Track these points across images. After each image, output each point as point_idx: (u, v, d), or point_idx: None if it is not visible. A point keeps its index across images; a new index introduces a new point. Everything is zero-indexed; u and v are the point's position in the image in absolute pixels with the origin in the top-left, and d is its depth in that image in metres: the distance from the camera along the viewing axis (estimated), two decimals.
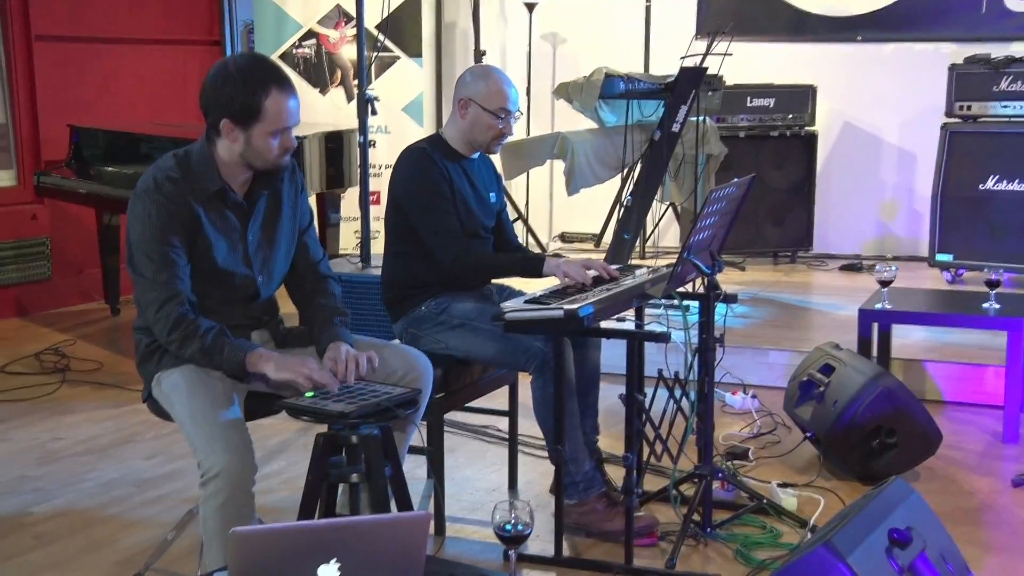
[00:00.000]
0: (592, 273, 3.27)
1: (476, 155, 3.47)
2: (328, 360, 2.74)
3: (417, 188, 3.31)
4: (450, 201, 3.32)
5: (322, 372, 2.65)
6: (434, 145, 3.40)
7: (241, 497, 2.53)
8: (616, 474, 3.52)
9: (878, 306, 4.18)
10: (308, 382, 2.63)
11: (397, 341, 3.37)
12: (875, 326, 4.28)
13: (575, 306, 2.92)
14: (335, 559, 1.85)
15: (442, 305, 3.40)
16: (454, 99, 3.44)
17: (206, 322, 2.68)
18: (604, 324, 3.12)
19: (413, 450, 3.25)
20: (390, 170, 3.49)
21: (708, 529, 3.29)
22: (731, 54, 5.35)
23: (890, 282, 4.16)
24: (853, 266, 6.82)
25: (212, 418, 2.59)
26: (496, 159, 6.04)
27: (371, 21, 6.04)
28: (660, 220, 7.03)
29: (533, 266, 3.32)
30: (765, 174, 6.72)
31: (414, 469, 3.77)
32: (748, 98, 6.72)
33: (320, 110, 6.67)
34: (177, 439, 3.92)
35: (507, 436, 3.81)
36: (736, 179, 3.29)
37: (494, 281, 3.55)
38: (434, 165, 3.32)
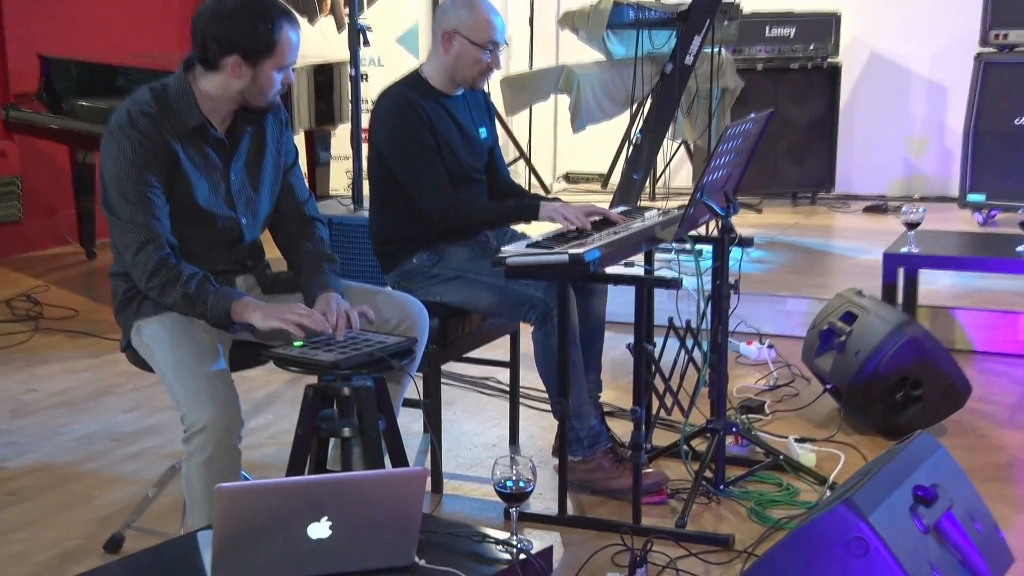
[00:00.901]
0: (592, 219, 3.27)
1: (460, 91, 3.42)
2: (318, 307, 2.70)
3: (398, 139, 3.28)
4: (434, 150, 3.29)
5: (312, 314, 2.64)
6: (412, 86, 3.36)
7: (226, 452, 2.53)
8: (623, 429, 3.53)
9: (904, 250, 4.18)
10: (298, 330, 2.62)
11: (390, 288, 3.34)
12: (901, 271, 4.28)
13: (581, 250, 2.91)
14: (326, 517, 1.89)
15: (435, 257, 3.39)
16: (434, 31, 3.39)
17: (188, 267, 2.67)
18: (611, 270, 3.10)
19: (408, 403, 3.23)
20: None
21: (721, 487, 3.28)
22: None
23: (917, 224, 4.15)
24: (878, 207, 6.81)
25: (195, 369, 2.59)
26: (496, 94, 6.03)
27: None
28: (671, 159, 7.03)
29: (528, 212, 3.31)
30: (784, 109, 6.69)
31: (409, 423, 3.74)
32: (767, 27, 6.68)
33: (308, 41, 6.42)
34: (157, 391, 3.92)
35: (508, 388, 3.81)
36: (753, 115, 3.27)
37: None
38: (413, 111, 3.28)
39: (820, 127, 6.83)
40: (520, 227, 3.55)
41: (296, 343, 2.62)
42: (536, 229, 3.38)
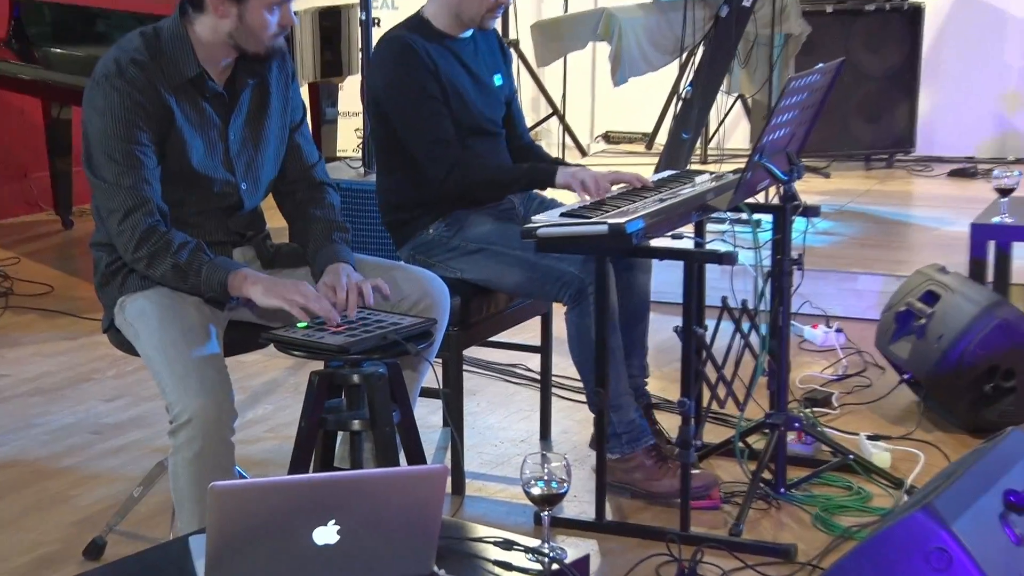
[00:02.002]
0: (619, 187, 3.26)
1: (468, 33, 3.41)
2: (325, 287, 2.72)
3: (398, 90, 3.28)
4: (438, 99, 3.28)
5: (319, 299, 2.64)
6: (414, 28, 3.35)
7: (218, 447, 2.55)
8: (670, 423, 3.53)
9: (995, 220, 4.16)
10: (302, 314, 2.62)
11: (403, 262, 3.31)
12: (991, 245, 4.25)
13: (622, 220, 2.91)
14: (333, 520, 1.87)
15: (454, 227, 3.38)
16: None
17: (180, 236, 2.67)
18: (656, 242, 3.10)
19: (426, 393, 3.24)
20: None
21: (781, 490, 3.28)
22: None
23: (1011, 190, 4.14)
24: (965, 171, 6.79)
25: (185, 352, 2.60)
26: (526, 42, 6.07)
27: None
28: (726, 116, 7.01)
29: (542, 177, 3.30)
30: (857, 58, 6.64)
31: (428, 415, 3.78)
32: None
33: None
34: (143, 377, 3.93)
35: (538, 377, 3.82)
36: (821, 64, 3.27)
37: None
38: (416, 55, 3.27)
39: (899, 79, 6.77)
40: (549, 193, 3.53)
41: (300, 324, 2.63)
42: (568, 197, 3.37)
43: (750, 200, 3.22)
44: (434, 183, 3.31)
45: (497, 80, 3.47)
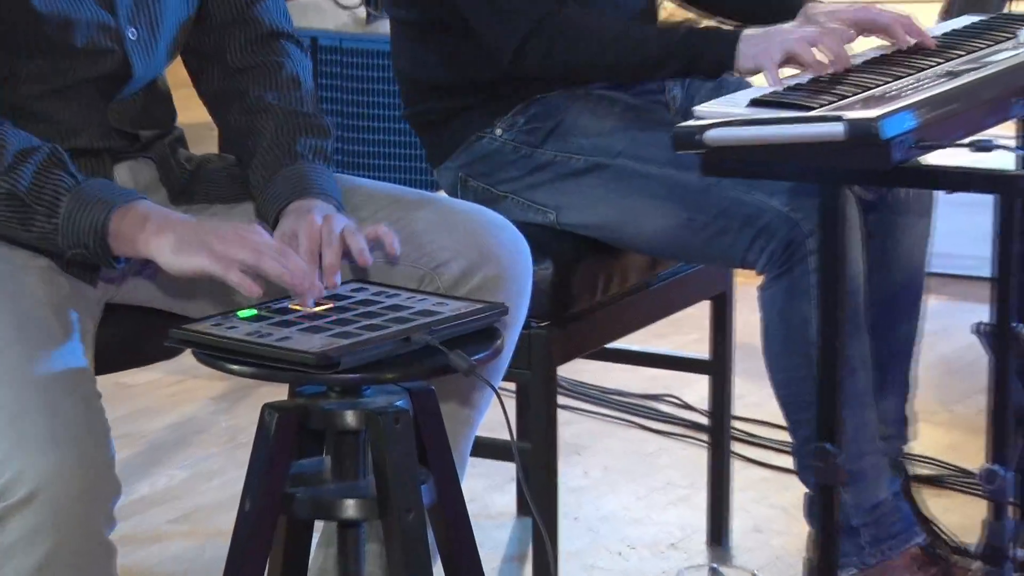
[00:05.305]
0: (865, 56, 2.97)
1: None
2: (284, 238, 2.51)
3: None
4: None
5: (282, 254, 2.43)
6: None
7: (81, 547, 2.36)
8: (956, 512, 3.39)
9: None
10: (250, 284, 2.35)
11: (443, 193, 3.20)
12: None
13: (872, 112, 2.51)
14: None
15: (542, 126, 3.18)
16: None
17: (17, 135, 2.49)
18: (938, 157, 2.75)
19: (487, 447, 3.05)
20: None
21: None
22: None
23: None
24: None
25: (18, 368, 2.41)
26: None
27: None
28: None
29: (713, 46, 3.07)
30: None
31: (490, 492, 3.69)
32: None
33: None
34: None
35: (705, 420, 3.65)
36: None
37: None
38: None
39: None
40: None
41: (242, 312, 2.35)
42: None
43: None
44: (498, 60, 3.10)
45: None
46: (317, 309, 2.42)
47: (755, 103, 2.71)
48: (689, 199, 3.07)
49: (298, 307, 2.46)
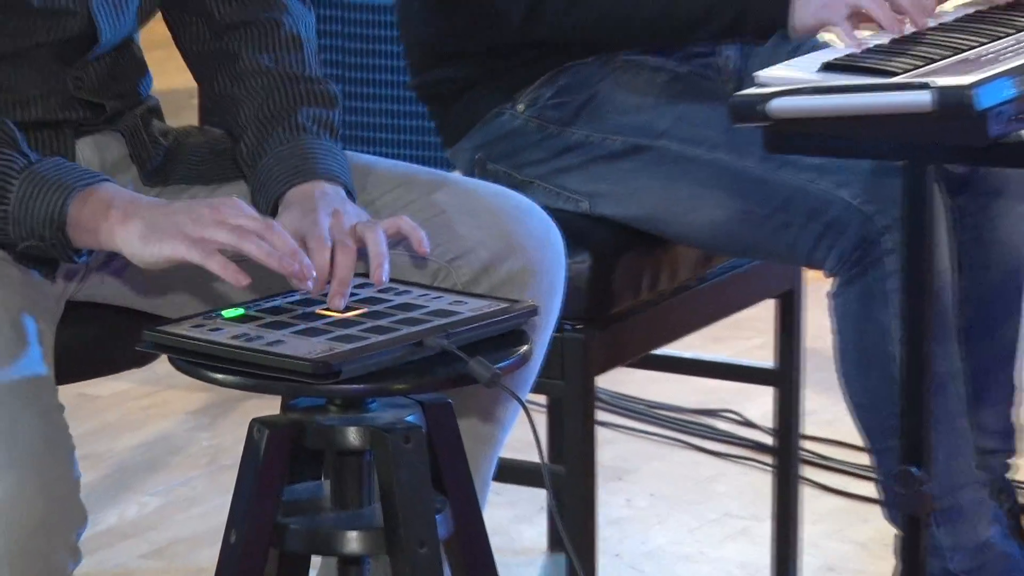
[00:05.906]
0: (955, 14, 2.90)
1: None
2: (285, 226, 2.51)
3: None
4: None
5: (276, 233, 2.45)
6: None
7: None
8: None
9: None
10: (234, 273, 2.35)
11: (458, 174, 3.19)
12: None
13: (964, 79, 2.48)
14: None
15: (573, 98, 3.12)
16: None
17: None
18: None
19: (513, 471, 3.06)
20: None
21: None
22: None
23: None
24: None
25: None
26: None
27: None
28: None
29: (758, 4, 3.00)
30: None
31: (516, 524, 3.67)
32: None
33: None
34: None
35: (769, 440, 3.60)
36: None
37: None
38: None
39: None
40: None
41: (227, 312, 2.38)
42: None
43: None
44: (508, 21, 3.09)
45: None
46: (350, 315, 2.40)
47: (827, 67, 2.68)
48: (745, 188, 2.98)
49: (328, 312, 2.39)
